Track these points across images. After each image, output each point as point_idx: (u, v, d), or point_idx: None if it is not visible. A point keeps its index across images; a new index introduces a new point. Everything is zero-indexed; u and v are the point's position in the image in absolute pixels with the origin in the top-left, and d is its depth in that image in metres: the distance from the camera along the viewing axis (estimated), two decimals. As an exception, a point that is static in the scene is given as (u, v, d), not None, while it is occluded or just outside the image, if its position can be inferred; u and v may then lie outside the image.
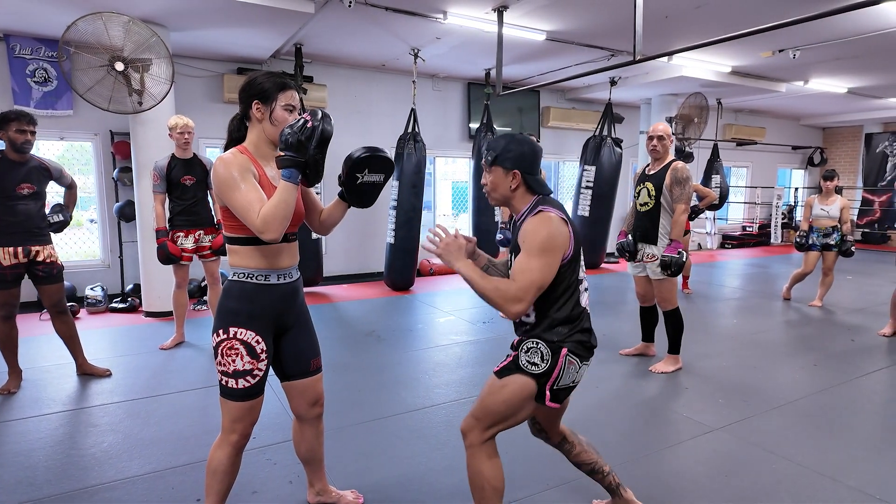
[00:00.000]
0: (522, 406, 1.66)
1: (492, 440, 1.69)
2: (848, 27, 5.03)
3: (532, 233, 1.60)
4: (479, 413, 1.68)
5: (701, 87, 7.37)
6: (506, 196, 1.72)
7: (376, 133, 7.01)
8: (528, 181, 1.69)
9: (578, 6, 4.56)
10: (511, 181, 1.68)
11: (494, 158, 1.69)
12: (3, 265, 3.03)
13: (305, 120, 1.55)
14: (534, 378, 1.63)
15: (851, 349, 4.11)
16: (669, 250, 3.32)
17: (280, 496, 2.14)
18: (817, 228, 5.36)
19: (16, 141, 2.99)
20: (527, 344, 1.66)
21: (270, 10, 4.22)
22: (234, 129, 1.75)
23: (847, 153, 11.74)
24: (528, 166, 1.69)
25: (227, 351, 1.64)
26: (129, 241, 5.60)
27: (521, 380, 1.64)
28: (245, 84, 1.68)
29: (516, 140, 1.71)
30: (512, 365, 1.67)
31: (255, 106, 1.66)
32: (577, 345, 1.66)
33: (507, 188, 1.70)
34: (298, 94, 1.73)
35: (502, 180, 1.69)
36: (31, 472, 2.30)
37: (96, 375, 3.42)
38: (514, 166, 1.68)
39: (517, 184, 1.69)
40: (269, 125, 1.67)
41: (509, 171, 1.68)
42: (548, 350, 1.63)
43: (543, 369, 1.62)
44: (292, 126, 1.55)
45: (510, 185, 1.69)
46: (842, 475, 2.32)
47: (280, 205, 1.54)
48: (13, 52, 4.94)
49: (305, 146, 1.54)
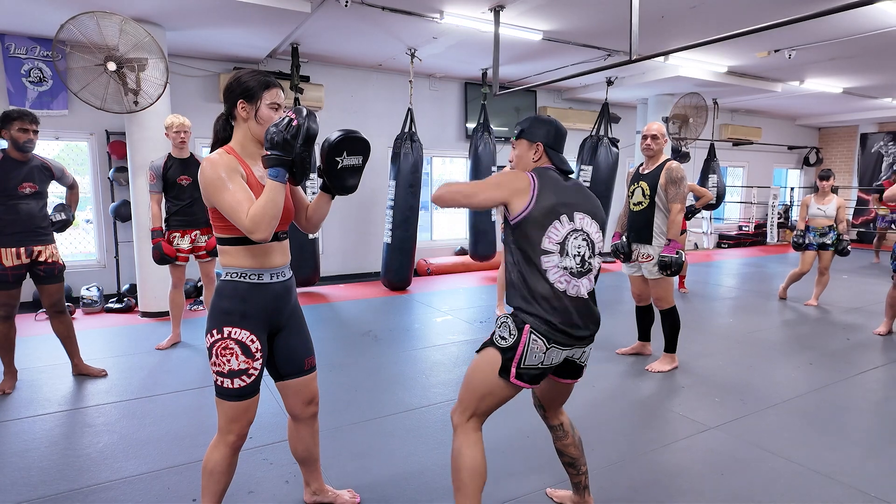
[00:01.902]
0: (490, 382, 1.65)
1: (476, 425, 1.69)
2: (843, 27, 5.05)
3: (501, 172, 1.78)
4: (462, 392, 1.71)
5: (697, 87, 7.39)
6: (528, 168, 1.75)
7: (373, 133, 7.00)
8: (551, 155, 1.75)
9: (575, 6, 4.56)
10: (534, 154, 1.75)
11: (521, 132, 1.78)
12: (6, 266, 3.03)
13: (290, 118, 1.54)
14: (500, 351, 1.63)
15: (847, 348, 4.13)
16: (668, 250, 3.32)
17: (276, 496, 2.14)
18: (814, 228, 5.38)
19: (18, 140, 2.98)
20: (501, 318, 1.69)
21: (267, 9, 4.22)
22: (219, 129, 1.74)
23: (843, 153, 11.78)
24: (553, 141, 1.76)
25: (222, 351, 1.63)
26: (125, 241, 5.58)
27: (491, 353, 1.66)
28: (229, 83, 1.67)
29: (542, 119, 1.79)
30: (488, 340, 1.70)
31: (240, 105, 1.65)
32: (542, 323, 1.60)
33: (529, 160, 1.76)
34: (283, 92, 1.73)
35: (525, 152, 1.76)
36: (26, 473, 2.29)
37: (92, 376, 3.40)
38: (538, 139, 1.74)
39: (539, 156, 1.75)
40: (254, 124, 1.66)
41: (533, 144, 1.75)
42: (514, 325, 1.63)
43: (510, 343, 1.62)
44: (277, 124, 1.54)
45: (532, 157, 1.75)
46: (837, 473, 2.32)
47: (268, 204, 1.53)
48: (8, 52, 4.92)
49: (291, 144, 1.53)
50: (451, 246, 8.01)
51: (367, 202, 6.92)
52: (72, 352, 3.40)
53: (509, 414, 2.80)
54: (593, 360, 3.77)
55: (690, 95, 7.37)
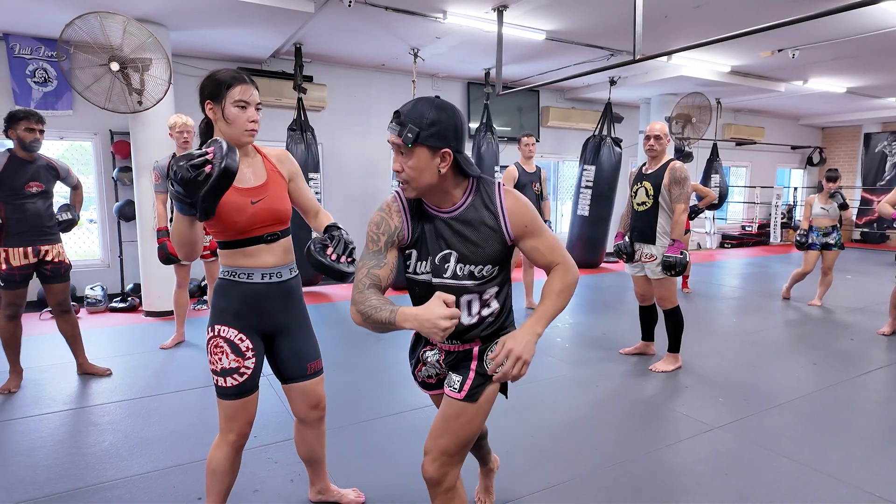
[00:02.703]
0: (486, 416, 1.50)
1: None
2: (847, 27, 5.04)
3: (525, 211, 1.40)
4: (454, 448, 1.44)
5: (700, 87, 7.38)
6: (431, 184, 1.33)
7: (376, 132, 7.01)
8: (459, 161, 1.33)
9: (578, 6, 4.56)
10: (440, 164, 1.31)
11: (416, 136, 1.27)
12: (13, 265, 3.04)
13: (207, 159, 1.37)
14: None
15: (851, 348, 4.12)
16: (672, 250, 3.32)
17: (281, 495, 2.15)
18: (817, 228, 5.36)
19: (25, 140, 3.00)
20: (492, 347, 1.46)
21: (270, 9, 4.23)
22: (203, 133, 1.70)
23: (846, 153, 11.75)
24: (459, 142, 1.33)
25: (214, 349, 1.64)
26: (129, 240, 5.60)
27: (493, 389, 1.47)
28: (200, 84, 1.63)
29: (438, 107, 1.30)
30: (480, 379, 1.45)
31: (208, 106, 1.61)
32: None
33: (434, 173, 1.31)
34: (255, 88, 1.64)
35: (427, 164, 1.30)
36: (32, 471, 2.30)
37: (97, 375, 3.42)
38: (444, 144, 1.29)
39: (447, 165, 1.31)
40: (223, 125, 1.61)
41: (438, 151, 1.30)
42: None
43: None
44: (187, 159, 1.36)
45: (439, 167, 1.31)
46: (841, 473, 2.32)
47: (175, 233, 1.51)
48: (13, 52, 4.94)
49: (194, 188, 1.37)
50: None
51: (369, 202, 6.93)
52: (77, 351, 3.41)
53: (512, 414, 2.81)
54: (597, 359, 3.78)
55: (693, 95, 7.37)
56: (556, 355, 3.88)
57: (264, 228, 1.67)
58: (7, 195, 3.01)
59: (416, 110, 1.29)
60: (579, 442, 2.59)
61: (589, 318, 5.03)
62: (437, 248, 1.41)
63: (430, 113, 1.28)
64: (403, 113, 1.30)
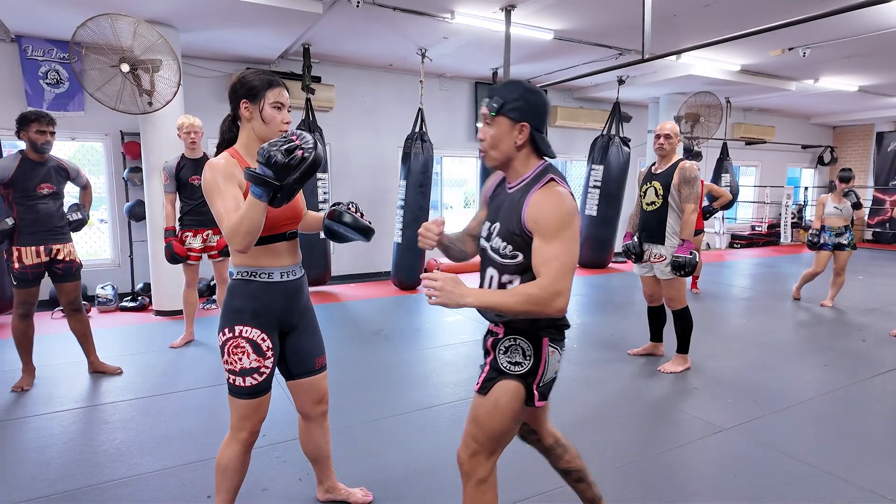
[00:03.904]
0: (518, 414, 1.48)
1: (495, 467, 1.54)
2: (859, 25, 4.99)
3: (548, 210, 1.36)
4: (481, 437, 1.48)
5: (710, 86, 7.33)
6: (508, 155, 1.44)
7: (383, 133, 7.03)
8: (537, 139, 1.43)
9: (586, 5, 4.55)
10: (517, 136, 1.42)
11: (501, 106, 1.40)
12: (26, 264, 3.08)
13: (295, 144, 1.43)
14: (520, 379, 1.46)
15: (863, 349, 4.08)
16: (681, 251, 3.30)
17: (290, 493, 2.16)
18: (829, 227, 5.31)
19: (36, 141, 3.03)
20: (504, 343, 1.48)
21: (279, 10, 4.25)
22: (225, 130, 1.74)
23: (858, 152, 11.62)
24: (539, 120, 1.43)
25: (234, 349, 1.65)
26: (139, 240, 5.64)
27: (510, 385, 1.46)
28: (233, 84, 1.67)
29: (527, 88, 1.43)
30: (493, 373, 1.48)
31: (244, 105, 1.65)
32: (554, 330, 1.49)
33: (511, 144, 1.42)
34: (287, 91, 1.72)
35: (507, 134, 1.42)
36: (45, 468, 2.33)
37: (108, 373, 3.45)
38: (523, 118, 1.40)
39: (524, 140, 1.42)
40: (258, 124, 1.65)
41: (516, 124, 1.41)
42: (528, 345, 1.46)
43: (528, 367, 1.46)
44: (279, 144, 1.42)
45: (515, 140, 1.42)
46: (853, 476, 2.30)
47: (244, 220, 1.48)
48: (25, 54, 5.00)
49: (287, 172, 1.43)
50: (461, 246, 8.01)
51: (377, 202, 6.95)
52: (88, 349, 3.45)
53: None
54: (605, 360, 3.77)
55: (701, 94, 7.32)
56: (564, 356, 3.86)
57: (287, 226, 1.72)
58: (20, 197, 3.05)
59: (506, 87, 1.44)
60: (587, 443, 2.57)
61: (597, 318, 5.01)
62: (493, 216, 1.55)
63: (517, 90, 1.42)
64: (495, 89, 1.45)
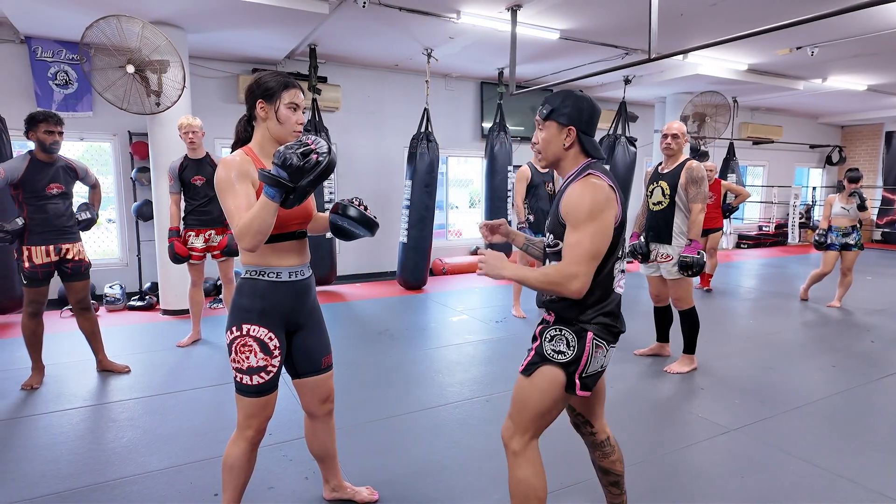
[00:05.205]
0: (556, 400, 1.57)
1: (535, 445, 1.61)
2: (867, 23, 4.95)
3: (577, 199, 1.49)
4: (516, 416, 1.60)
5: (717, 86, 7.29)
6: (557, 156, 1.60)
7: (389, 133, 7.04)
8: (584, 141, 1.57)
9: (593, 4, 4.54)
10: (565, 139, 1.57)
11: (550, 112, 1.57)
12: (36, 263, 3.11)
13: (310, 148, 1.48)
14: (561, 367, 1.54)
15: (871, 350, 4.05)
16: (689, 251, 3.29)
17: (296, 492, 2.17)
18: (836, 228, 5.28)
19: (45, 142, 3.06)
20: (550, 332, 1.57)
21: (285, 11, 4.26)
22: (241, 130, 1.76)
23: (867, 151, 11.53)
24: (585, 125, 1.57)
25: (241, 348, 1.66)
26: (147, 239, 5.68)
27: (550, 371, 1.55)
28: (250, 84, 1.69)
29: (575, 96, 1.57)
30: (536, 358, 1.57)
31: (260, 105, 1.67)
32: (602, 328, 1.55)
33: (559, 146, 1.58)
34: (303, 93, 1.74)
35: (555, 137, 1.58)
36: (54, 466, 2.35)
37: (116, 372, 3.48)
38: (570, 122, 1.56)
39: (571, 142, 1.57)
40: (274, 124, 1.68)
41: (564, 128, 1.56)
42: (573, 336, 1.53)
43: (571, 357, 1.53)
44: (294, 147, 1.47)
45: (563, 142, 1.57)
46: (861, 477, 2.28)
47: (255, 220, 1.50)
48: (35, 55, 5.04)
49: (301, 175, 1.47)
50: (466, 246, 8.02)
51: (382, 202, 6.96)
52: (96, 348, 3.48)
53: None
54: (612, 360, 3.73)
55: (707, 94, 7.28)
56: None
57: (297, 225, 1.73)
58: (29, 197, 3.08)
59: (557, 95, 1.59)
60: (593, 443, 2.57)
61: (603, 318, 4.99)
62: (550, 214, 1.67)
63: (566, 98, 1.57)
64: (547, 97, 1.61)
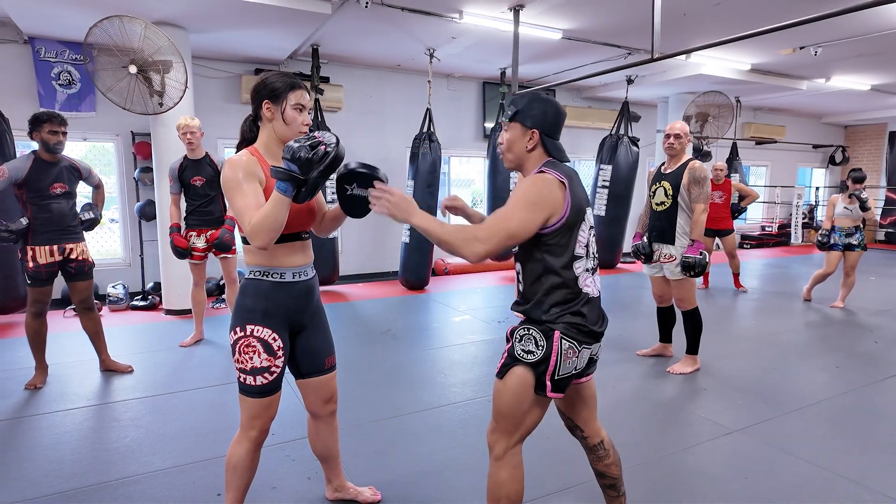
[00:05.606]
0: (528, 401, 1.55)
1: (518, 450, 1.60)
2: (871, 23, 4.93)
3: (524, 186, 1.51)
4: (497, 420, 1.59)
5: (720, 85, 7.28)
6: (520, 157, 1.60)
7: (391, 133, 7.04)
8: (547, 144, 1.58)
9: (595, 4, 4.53)
10: (528, 141, 1.57)
11: (514, 114, 1.58)
12: (40, 263, 3.12)
13: (318, 141, 1.51)
14: (531, 367, 1.52)
15: (874, 351, 4.03)
16: (692, 251, 3.28)
17: (298, 492, 2.17)
18: (840, 228, 5.26)
19: (49, 142, 3.07)
20: (519, 331, 1.57)
21: (288, 11, 4.27)
22: (246, 130, 1.76)
23: (870, 151, 11.49)
24: (550, 128, 1.58)
25: (245, 348, 1.66)
26: (150, 239, 5.69)
27: (520, 372, 1.54)
28: (256, 85, 1.70)
29: (540, 98, 1.58)
30: (509, 359, 1.57)
31: (266, 105, 1.67)
32: (570, 327, 1.53)
33: (522, 148, 1.58)
34: (309, 94, 1.74)
35: (519, 139, 1.58)
36: (57, 466, 2.36)
37: (119, 371, 3.49)
38: (534, 125, 1.56)
39: (534, 144, 1.57)
40: (279, 124, 1.68)
41: (528, 130, 1.57)
42: (540, 335, 1.52)
43: (539, 356, 1.51)
44: (302, 141, 1.51)
45: (526, 145, 1.58)
46: (865, 478, 2.28)
47: (269, 217, 1.51)
48: (38, 56, 5.06)
49: (311, 166, 1.50)
50: (468, 246, 8.00)
51: (385, 202, 6.95)
52: (100, 348, 3.49)
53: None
54: (614, 361, 3.75)
55: (710, 93, 7.27)
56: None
57: (302, 225, 1.74)
58: (33, 196, 3.09)
59: (523, 97, 1.61)
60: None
61: (605, 318, 4.98)
62: None
63: (532, 101, 1.58)
64: (513, 99, 1.65)
